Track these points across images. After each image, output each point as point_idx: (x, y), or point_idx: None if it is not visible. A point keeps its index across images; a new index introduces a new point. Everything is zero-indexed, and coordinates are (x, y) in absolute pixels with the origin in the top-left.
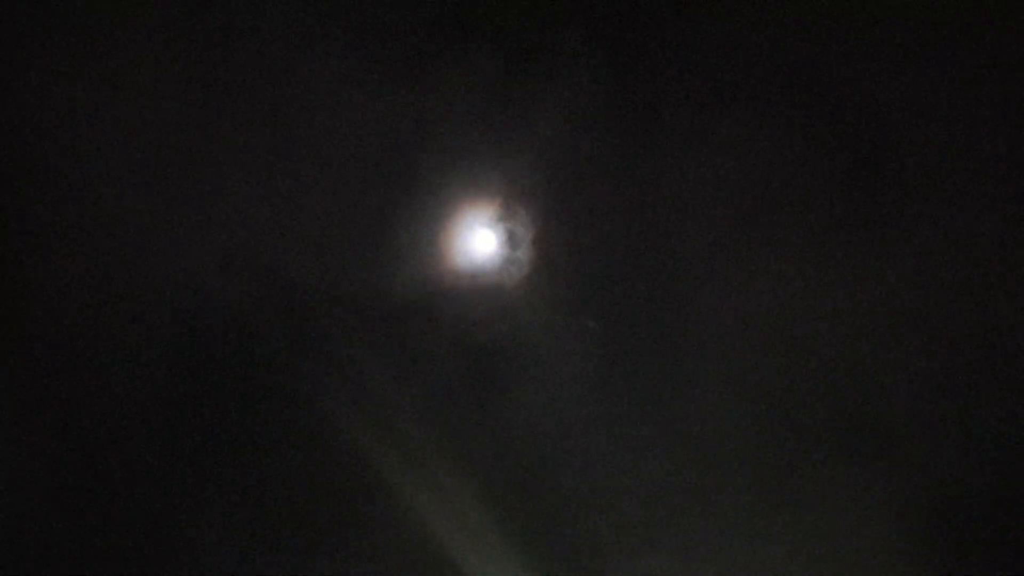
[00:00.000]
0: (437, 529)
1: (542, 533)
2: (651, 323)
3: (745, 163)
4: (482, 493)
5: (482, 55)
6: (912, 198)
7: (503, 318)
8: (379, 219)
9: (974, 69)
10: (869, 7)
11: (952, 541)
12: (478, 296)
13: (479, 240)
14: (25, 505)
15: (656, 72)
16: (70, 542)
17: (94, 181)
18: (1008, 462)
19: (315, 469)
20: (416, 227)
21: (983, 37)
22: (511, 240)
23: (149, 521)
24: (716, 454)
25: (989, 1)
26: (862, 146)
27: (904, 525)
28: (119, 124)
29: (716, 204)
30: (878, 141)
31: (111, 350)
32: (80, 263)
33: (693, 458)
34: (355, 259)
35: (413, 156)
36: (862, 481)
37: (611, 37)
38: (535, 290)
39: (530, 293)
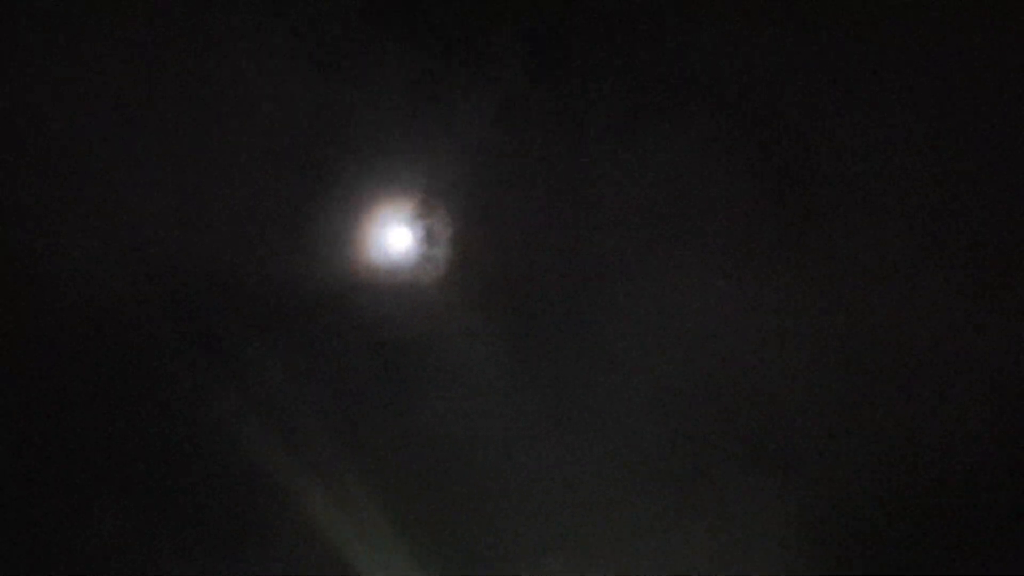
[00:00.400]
0: (339, 532)
1: (449, 535)
2: (567, 328)
3: (668, 173)
4: (387, 495)
5: (408, 49)
6: (824, 220)
7: (417, 316)
8: (292, 211)
9: (895, 100)
10: (801, 31)
11: (843, 542)
12: (392, 293)
13: (395, 236)
14: None
15: (585, 77)
16: None
17: None
18: (896, 472)
19: (212, 471)
20: (330, 220)
21: (905, 71)
22: (429, 237)
23: (39, 523)
24: (626, 459)
25: (912, 34)
26: (783, 164)
27: (799, 528)
28: (14, 107)
29: (637, 212)
30: (799, 160)
31: None
32: None
33: (604, 463)
34: (264, 251)
35: (331, 148)
36: (763, 487)
37: (541, 39)
38: (451, 289)
39: (446, 292)
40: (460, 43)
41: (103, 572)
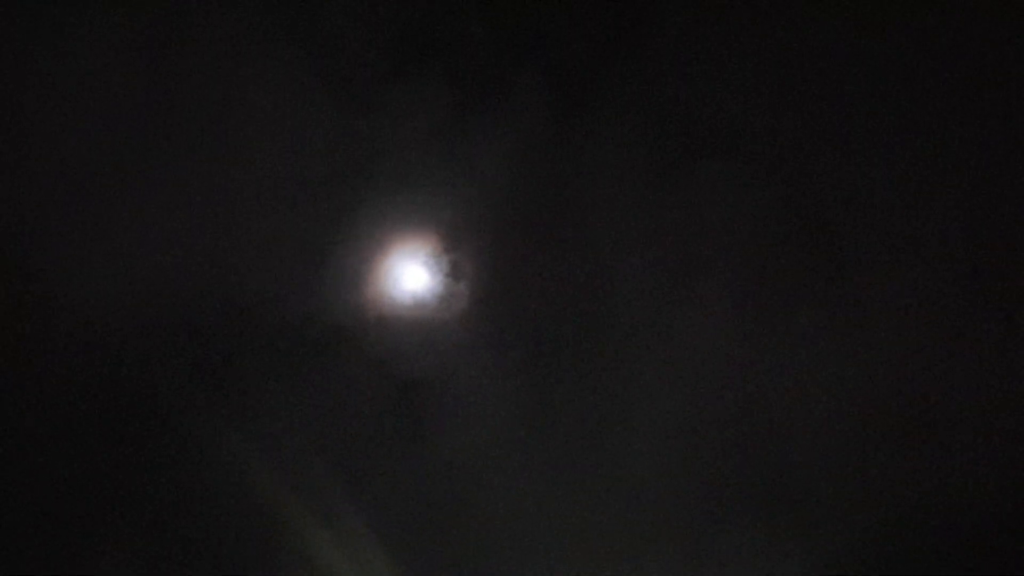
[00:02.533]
0: (346, 570)
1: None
2: (584, 369)
3: (691, 216)
4: (397, 533)
5: (433, 87)
6: (851, 268)
7: (432, 354)
8: (310, 245)
9: (925, 149)
10: (828, 79)
11: None
12: (407, 329)
13: (413, 273)
14: None
15: (609, 119)
16: None
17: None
18: (914, 525)
19: (221, 506)
20: (349, 255)
21: (936, 122)
22: (446, 275)
23: (47, 554)
24: (640, 503)
25: (943, 83)
26: (809, 211)
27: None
28: (50, 137)
29: (659, 255)
30: (826, 207)
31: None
32: None
33: (617, 507)
34: (281, 284)
35: (353, 183)
36: (778, 536)
37: (566, 80)
38: (467, 327)
39: (461, 330)
40: (484, 82)
41: None
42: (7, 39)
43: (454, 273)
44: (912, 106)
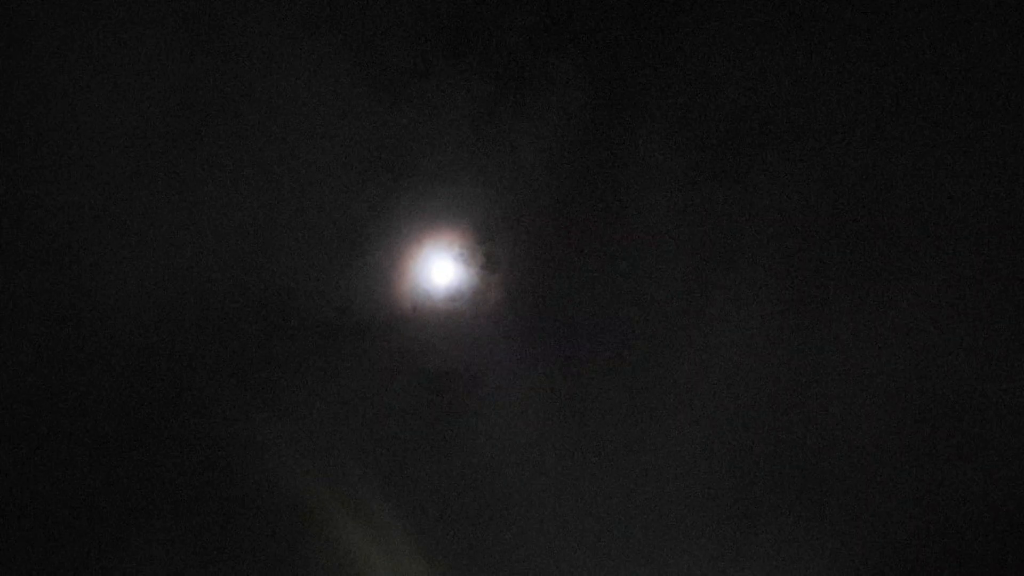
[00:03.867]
0: (378, 566)
1: (492, 572)
2: (619, 361)
3: (731, 207)
4: (430, 528)
5: (472, 76)
6: (894, 267)
7: (466, 346)
8: (346, 237)
9: (968, 152)
10: (877, 78)
11: None
12: (441, 322)
13: (449, 264)
14: None
15: (650, 109)
16: None
17: (54, 188)
18: (956, 526)
19: (253, 500)
20: (384, 247)
21: (976, 125)
22: (480, 267)
23: (79, 550)
24: (676, 499)
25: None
26: (857, 204)
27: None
28: (93, 130)
29: (697, 245)
30: (873, 203)
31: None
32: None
33: (653, 502)
34: (317, 276)
35: (388, 175)
36: (816, 534)
37: (606, 69)
38: (502, 319)
39: (496, 322)
40: (521, 73)
41: None
42: (45, 33)
43: (489, 265)
44: (961, 101)
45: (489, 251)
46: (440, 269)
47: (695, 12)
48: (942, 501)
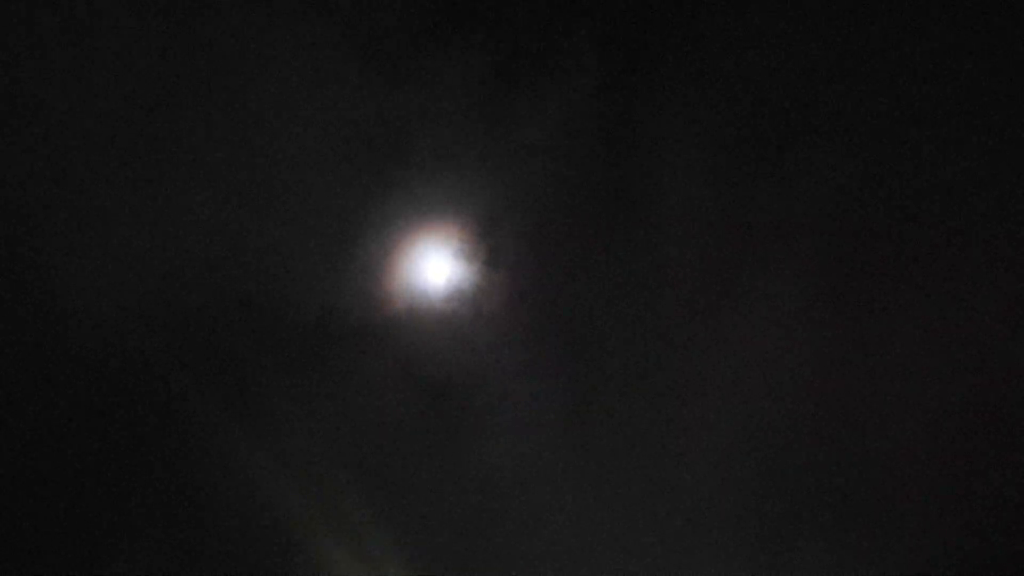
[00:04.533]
0: None
1: None
2: (631, 365)
3: (757, 198)
4: (428, 549)
5: (475, 51)
6: (940, 263)
7: (465, 351)
8: (333, 231)
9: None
10: (904, 61)
11: None
12: (438, 325)
13: (448, 261)
14: None
15: (667, 90)
16: None
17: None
18: (997, 543)
19: (235, 520)
20: (378, 241)
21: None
22: (486, 261)
23: (57, 564)
24: (696, 516)
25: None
26: (896, 196)
27: None
28: (60, 120)
29: (717, 239)
30: (914, 194)
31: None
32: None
33: (669, 517)
34: (302, 277)
35: (381, 162)
36: (850, 555)
37: (620, 46)
38: (503, 321)
39: (497, 324)
40: (529, 49)
41: None
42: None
43: (492, 261)
44: (1007, 87)
45: (492, 245)
46: (438, 266)
47: None
48: (1007, 513)
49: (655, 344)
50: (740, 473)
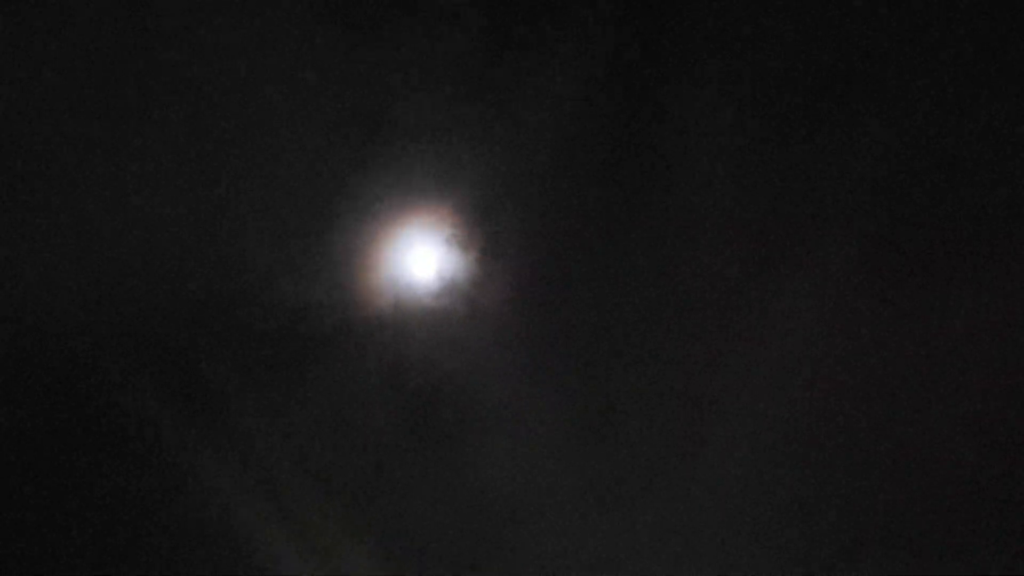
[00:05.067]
0: None
1: None
2: (640, 368)
3: (787, 174)
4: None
5: (468, 6)
6: (1006, 240)
7: (454, 353)
8: (304, 222)
9: None
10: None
11: None
12: (424, 326)
13: (438, 250)
14: None
15: (688, 52)
16: None
17: None
18: None
19: (201, 544)
20: (356, 228)
21: None
22: (482, 251)
23: None
24: (711, 535)
25: None
26: (949, 163)
27: None
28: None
29: (740, 223)
30: (970, 162)
31: None
32: None
33: (681, 537)
34: (269, 272)
35: (361, 133)
36: None
37: (630, 16)
38: (496, 320)
39: (490, 324)
40: (529, 3)
41: None
42: None
43: (489, 251)
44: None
45: (490, 232)
46: (427, 256)
47: None
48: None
49: (680, 342)
50: (776, 491)
